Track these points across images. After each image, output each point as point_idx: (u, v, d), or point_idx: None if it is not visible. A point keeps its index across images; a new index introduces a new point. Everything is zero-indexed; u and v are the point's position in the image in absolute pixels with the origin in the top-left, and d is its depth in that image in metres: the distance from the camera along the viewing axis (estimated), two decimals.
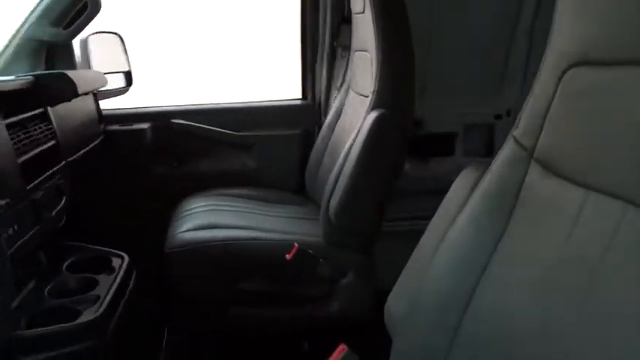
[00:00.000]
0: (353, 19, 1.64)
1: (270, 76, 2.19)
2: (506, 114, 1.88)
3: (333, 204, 1.41)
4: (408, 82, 1.42)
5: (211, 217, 1.56)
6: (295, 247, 1.37)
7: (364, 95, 1.52)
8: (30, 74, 1.31)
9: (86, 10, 1.57)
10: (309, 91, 2.01)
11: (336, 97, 1.82)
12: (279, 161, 1.96)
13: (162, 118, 1.87)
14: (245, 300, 1.45)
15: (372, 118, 1.37)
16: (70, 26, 1.58)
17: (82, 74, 1.51)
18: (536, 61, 0.64)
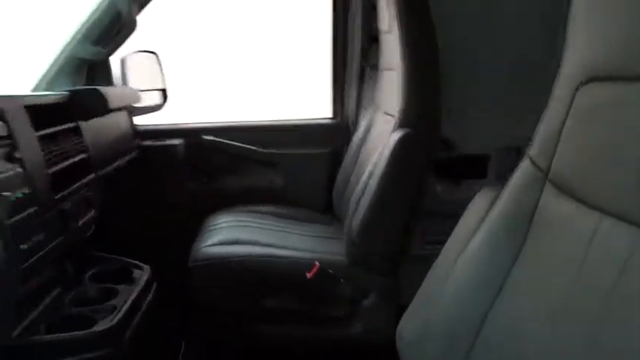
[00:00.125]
0: (381, 38, 1.64)
1: (302, 95, 2.21)
2: None
3: (355, 223, 1.40)
4: (434, 101, 1.40)
5: (236, 232, 1.57)
6: (316, 265, 1.36)
7: (391, 114, 1.51)
8: (66, 90, 1.37)
9: (123, 30, 1.64)
10: (338, 111, 2.01)
11: (365, 116, 1.82)
12: (307, 180, 1.96)
13: (194, 134, 1.92)
14: (265, 316, 1.45)
15: (396, 137, 1.35)
16: (108, 45, 1.66)
17: (115, 91, 1.57)
18: None
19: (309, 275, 1.35)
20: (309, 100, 2.14)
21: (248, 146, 1.94)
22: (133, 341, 1.12)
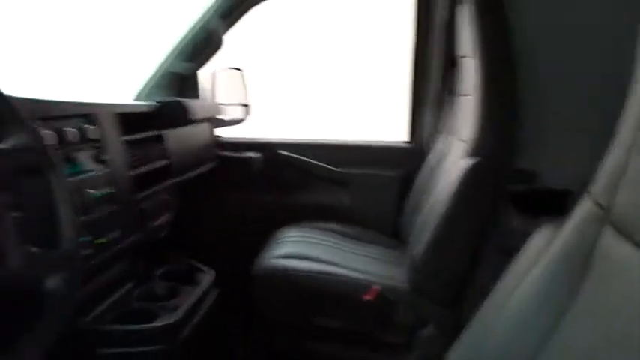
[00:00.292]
0: (460, 63, 1.61)
1: (379, 117, 2.22)
2: None
3: (419, 250, 1.37)
4: (509, 130, 1.34)
5: (300, 247, 1.60)
6: (374, 289, 1.35)
7: (464, 141, 1.47)
8: (155, 100, 1.50)
9: (211, 47, 1.77)
10: (414, 134, 1.99)
11: (440, 141, 1.78)
12: (376, 201, 1.95)
13: (271, 148, 1.99)
14: (320, 334, 1.45)
15: (466, 165, 1.31)
16: (198, 61, 1.79)
17: (198, 103, 1.68)
18: None
19: (366, 297, 1.34)
20: (385, 122, 2.14)
21: (321, 164, 1.98)
22: (189, 340, 1.17)
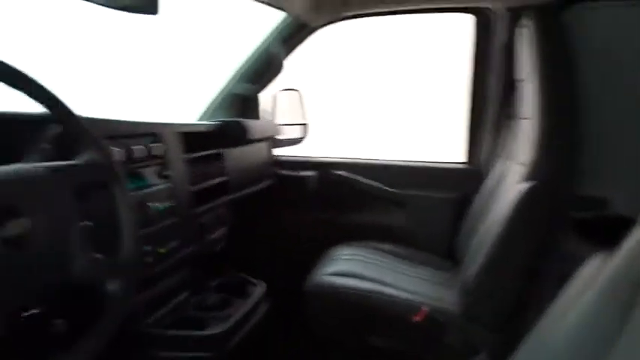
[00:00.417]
0: (519, 86, 1.58)
1: (437, 138, 2.20)
2: None
3: (471, 273, 1.35)
4: (569, 154, 1.30)
5: (352, 265, 1.61)
6: (423, 310, 1.34)
7: (522, 164, 1.43)
8: (216, 121, 1.59)
9: (272, 71, 1.85)
10: (472, 156, 1.96)
11: (498, 164, 1.74)
12: (431, 223, 1.93)
13: (326, 167, 2.03)
14: (370, 354, 1.45)
15: (521, 189, 1.28)
16: (259, 83, 1.89)
17: (257, 123, 1.76)
18: None
19: (415, 319, 1.34)
20: (442, 144, 2.12)
21: (377, 184, 1.99)
22: (237, 350, 1.22)
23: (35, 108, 0.76)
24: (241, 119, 1.63)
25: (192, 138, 1.38)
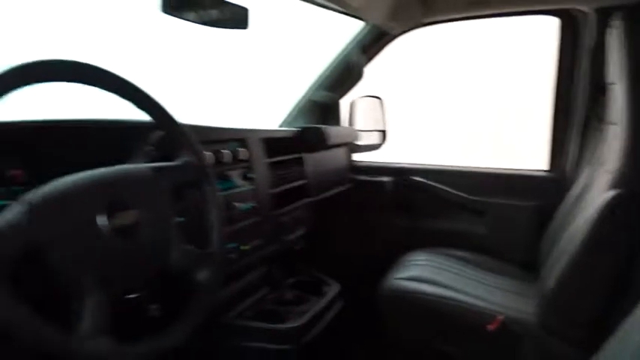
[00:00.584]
0: (608, 90, 1.50)
1: (518, 144, 2.14)
2: None
3: (550, 283, 1.31)
4: None
5: (427, 271, 1.62)
6: (499, 319, 1.32)
7: (610, 172, 1.37)
8: (297, 127, 1.67)
9: (352, 79, 1.90)
10: (555, 164, 1.88)
11: (585, 171, 1.66)
12: (510, 232, 1.87)
13: (402, 173, 2.05)
14: (440, 358, 1.45)
15: (606, 197, 1.23)
16: (339, 90, 1.95)
17: (336, 130, 1.82)
18: None
19: (489, 328, 1.32)
20: (523, 150, 2.06)
21: (454, 191, 1.97)
22: (312, 344, 1.29)
23: (141, 116, 0.87)
24: (321, 125, 1.70)
25: (274, 143, 1.47)
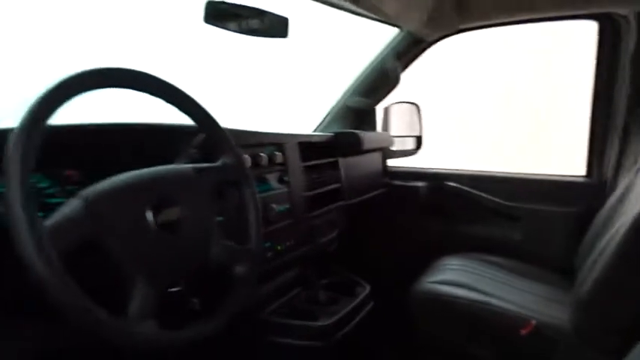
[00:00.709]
0: None
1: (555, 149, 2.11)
2: None
3: (585, 289, 1.29)
4: None
5: (460, 275, 1.63)
6: (532, 324, 1.32)
7: None
8: (333, 132, 1.72)
9: (387, 85, 1.93)
10: (595, 169, 1.85)
11: (626, 177, 1.63)
12: (546, 238, 1.85)
13: (437, 178, 2.06)
14: None
15: None
16: (374, 96, 1.98)
17: (371, 135, 1.85)
18: None
19: (522, 332, 1.32)
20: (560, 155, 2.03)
21: (488, 196, 1.97)
22: (343, 342, 1.33)
23: (185, 120, 0.93)
24: (355, 130, 1.74)
25: (310, 147, 1.52)
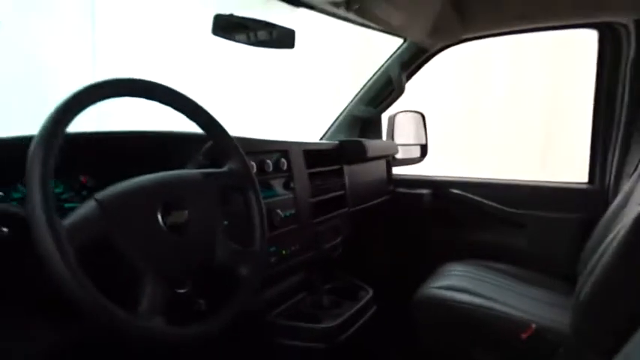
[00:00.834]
0: None
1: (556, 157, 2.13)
2: None
3: (584, 292, 1.32)
4: None
5: (462, 281, 1.65)
6: (532, 327, 1.34)
7: None
8: (338, 140, 1.76)
9: (392, 94, 1.98)
10: (597, 176, 1.87)
11: (626, 184, 1.65)
12: (549, 244, 1.87)
13: (441, 186, 2.09)
14: None
15: None
16: (379, 105, 2.02)
17: (375, 143, 1.89)
18: None
19: (523, 336, 1.34)
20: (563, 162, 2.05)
21: (493, 204, 1.99)
22: (345, 344, 1.36)
23: (194, 128, 0.98)
24: (360, 139, 1.78)
25: (314, 155, 1.56)
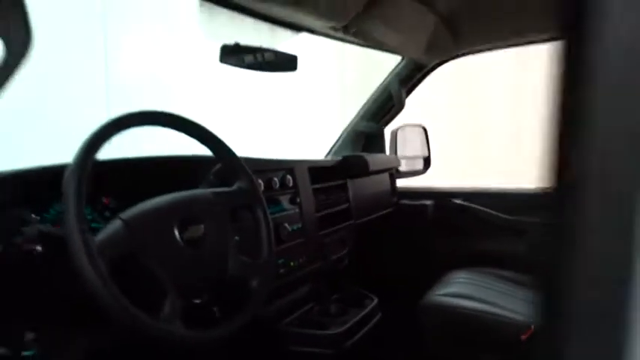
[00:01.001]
0: None
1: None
2: None
3: None
4: None
5: (466, 288, 1.71)
6: (532, 328, 1.40)
7: None
8: (341, 156, 1.84)
9: (393, 109, 2.06)
10: None
11: None
12: None
13: (444, 196, 2.15)
14: None
15: None
16: (382, 120, 2.10)
17: (378, 157, 1.96)
18: None
19: (524, 337, 1.40)
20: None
21: (494, 212, 2.04)
22: (351, 351, 1.43)
23: (205, 151, 1.07)
24: (363, 153, 1.86)
25: (319, 171, 1.64)
